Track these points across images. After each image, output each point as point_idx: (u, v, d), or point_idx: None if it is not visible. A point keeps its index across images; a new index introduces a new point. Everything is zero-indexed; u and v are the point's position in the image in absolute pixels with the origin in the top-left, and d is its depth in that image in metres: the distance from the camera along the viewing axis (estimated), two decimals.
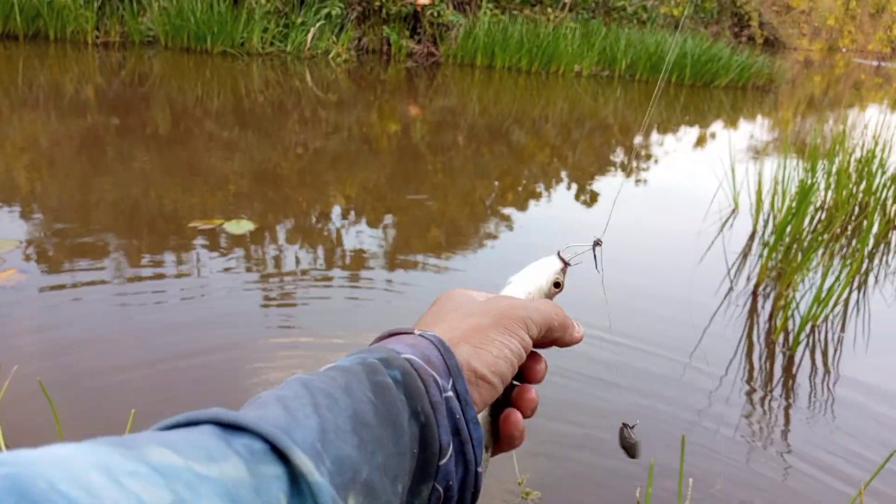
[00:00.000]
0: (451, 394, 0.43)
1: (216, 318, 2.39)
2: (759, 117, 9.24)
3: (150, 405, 1.87)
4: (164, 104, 5.80)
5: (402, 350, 0.43)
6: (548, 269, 0.58)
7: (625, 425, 0.58)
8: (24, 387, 1.81)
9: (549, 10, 10.55)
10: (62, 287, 2.50)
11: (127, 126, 5.01)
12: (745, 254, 3.61)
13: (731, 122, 8.43)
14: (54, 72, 6.48)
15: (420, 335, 0.45)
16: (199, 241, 3.00)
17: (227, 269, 2.78)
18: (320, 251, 3.08)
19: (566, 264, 0.59)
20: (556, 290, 0.58)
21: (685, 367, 2.36)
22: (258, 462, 0.31)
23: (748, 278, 3.27)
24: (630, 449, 0.57)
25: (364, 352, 0.44)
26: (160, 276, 2.65)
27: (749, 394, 2.29)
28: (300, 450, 0.33)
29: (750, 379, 2.39)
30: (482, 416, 0.49)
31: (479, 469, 0.44)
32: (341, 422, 0.37)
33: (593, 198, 4.50)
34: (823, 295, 2.72)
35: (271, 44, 8.47)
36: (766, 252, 3.21)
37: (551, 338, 0.52)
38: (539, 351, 0.53)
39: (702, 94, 10.05)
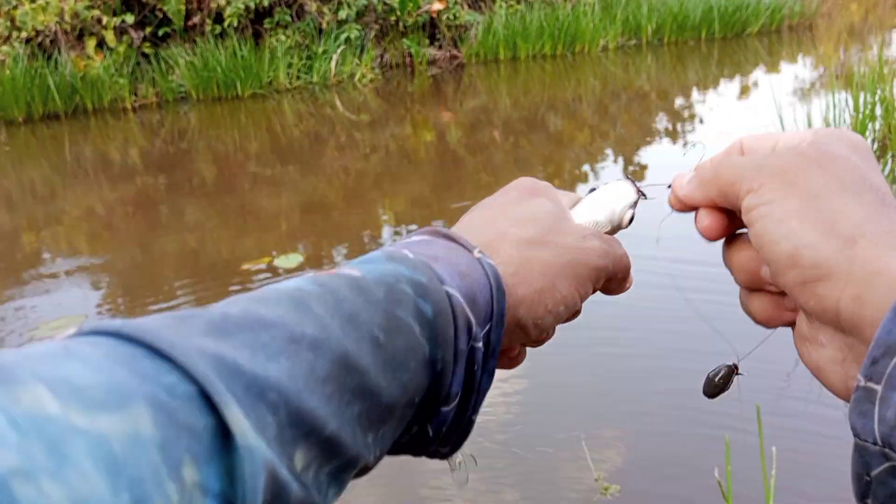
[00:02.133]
0: (480, 344, 0.37)
1: None
2: (799, 57, 8.91)
3: None
4: (206, 154, 5.94)
5: (448, 279, 0.37)
6: (622, 197, 0.48)
7: (735, 368, 0.47)
8: None
9: None
10: None
11: (174, 182, 5.15)
12: None
13: (772, 67, 8.15)
14: (98, 142, 6.72)
15: (479, 260, 0.38)
16: (256, 281, 3.05)
17: None
18: None
19: (641, 195, 0.49)
20: (627, 225, 0.48)
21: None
22: (176, 410, 0.24)
23: None
24: (713, 389, 0.48)
25: (401, 261, 0.36)
26: None
27: None
28: (237, 404, 0.26)
29: None
30: None
31: (474, 417, 0.39)
32: (320, 365, 0.30)
33: (642, 169, 4.40)
34: None
35: (298, 77, 8.61)
36: None
37: (606, 287, 0.45)
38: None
39: (735, 46, 9.76)
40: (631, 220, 0.48)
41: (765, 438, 1.23)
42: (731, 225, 0.41)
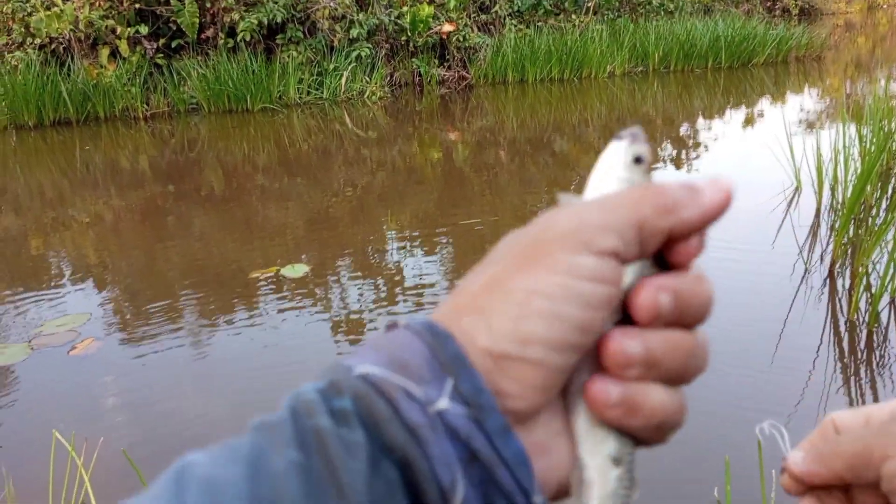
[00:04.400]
0: (445, 404, 0.28)
1: (290, 362, 2.44)
2: (805, 88, 8.98)
3: None
4: (215, 165, 5.99)
5: (359, 361, 0.29)
6: (616, 151, 0.36)
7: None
8: (113, 451, 1.88)
9: (574, 16, 10.53)
10: (139, 348, 2.59)
11: (183, 191, 5.19)
12: (814, 231, 3.49)
13: (778, 98, 8.22)
14: (108, 150, 6.78)
15: (405, 326, 0.30)
16: (262, 289, 3.07)
17: (290, 312, 2.84)
18: (380, 283, 3.12)
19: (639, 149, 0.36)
20: (638, 165, 0.35)
21: (772, 361, 2.29)
22: None
23: (821, 257, 3.15)
24: None
25: (317, 380, 0.30)
26: (232, 326, 2.72)
27: (840, 378, 2.21)
28: None
29: (840, 360, 2.30)
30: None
31: (537, 500, 0.29)
32: None
33: None
34: None
35: (308, 93, 8.68)
36: (838, 225, 3.08)
37: (655, 231, 0.31)
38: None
39: (741, 75, 9.84)
40: (640, 161, 0.35)
41: (764, 462, 1.25)
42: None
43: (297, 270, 3.26)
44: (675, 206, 0.31)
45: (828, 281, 2.86)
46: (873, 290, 2.64)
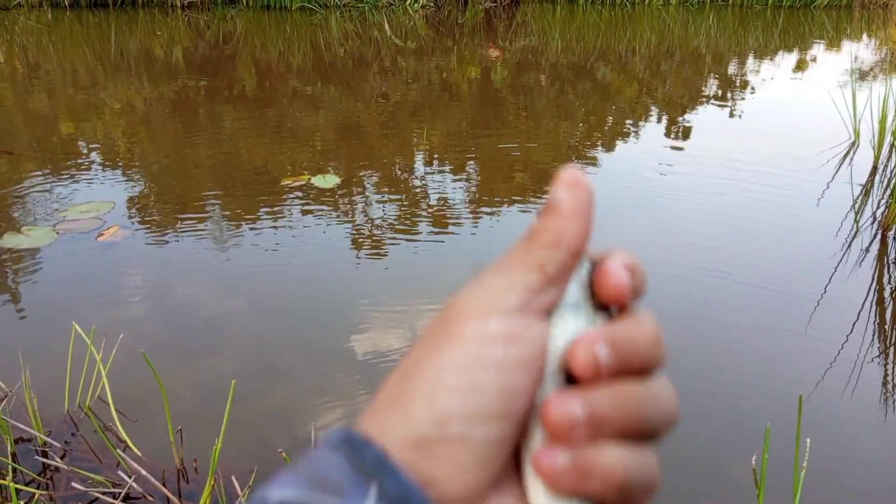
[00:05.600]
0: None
1: (314, 269, 2.44)
2: (867, 37, 8.54)
3: (251, 363, 1.93)
4: (249, 64, 5.89)
5: (276, 487, 0.27)
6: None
7: None
8: (131, 348, 1.91)
9: None
10: (163, 241, 2.61)
11: (215, 87, 5.12)
12: (867, 190, 3.34)
13: (837, 44, 7.83)
14: (144, 37, 6.68)
15: (323, 442, 0.29)
16: (289, 197, 3.05)
17: (317, 222, 2.83)
18: (406, 200, 3.09)
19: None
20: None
21: (807, 322, 2.24)
22: None
23: (873, 216, 3.02)
24: None
25: None
26: (257, 230, 2.72)
27: (876, 348, 2.16)
28: None
29: (881, 328, 2.25)
30: None
31: None
32: None
33: (685, 132, 4.29)
34: None
35: None
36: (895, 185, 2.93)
37: (558, 262, 0.29)
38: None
39: (802, 16, 9.37)
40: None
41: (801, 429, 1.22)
42: None
43: (328, 181, 3.23)
44: (557, 228, 0.29)
45: (878, 245, 2.76)
46: None
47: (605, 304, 0.30)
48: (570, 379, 0.29)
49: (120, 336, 1.86)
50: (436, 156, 3.76)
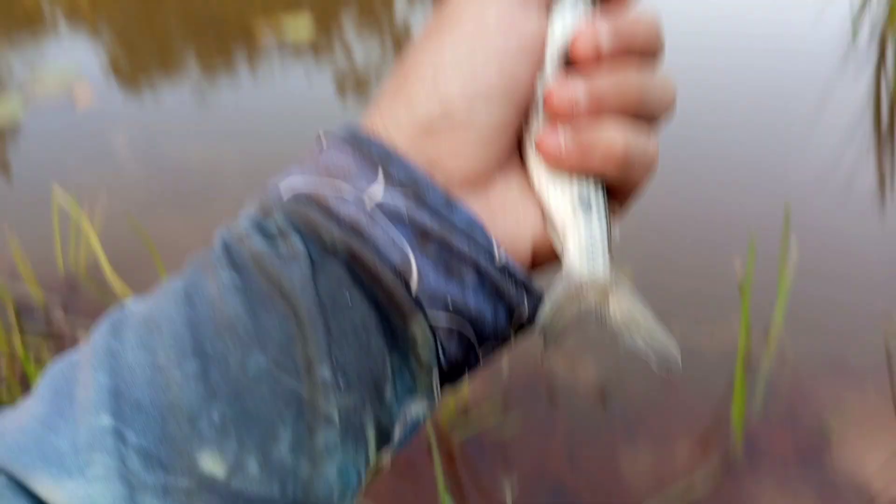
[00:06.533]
0: (380, 193, 0.26)
1: (295, 110, 2.35)
2: None
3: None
4: None
5: (285, 176, 0.28)
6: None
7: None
8: (119, 210, 1.87)
9: None
10: (138, 99, 2.52)
11: None
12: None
13: None
14: None
15: (326, 136, 0.29)
16: (265, 43, 2.90)
17: (294, 65, 2.71)
18: (387, 41, 2.94)
19: None
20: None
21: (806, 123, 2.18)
22: None
23: (872, 22, 2.86)
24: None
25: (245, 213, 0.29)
26: (233, 78, 2.62)
27: (871, 156, 2.11)
28: (47, 471, 0.23)
29: (877, 134, 2.19)
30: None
31: (500, 255, 0.27)
32: (164, 354, 0.24)
33: None
34: None
35: None
36: None
37: None
38: None
39: None
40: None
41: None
42: None
43: (300, 24, 3.05)
44: None
45: (877, 50, 2.63)
46: None
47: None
48: (571, 67, 0.30)
49: (104, 198, 1.82)
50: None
